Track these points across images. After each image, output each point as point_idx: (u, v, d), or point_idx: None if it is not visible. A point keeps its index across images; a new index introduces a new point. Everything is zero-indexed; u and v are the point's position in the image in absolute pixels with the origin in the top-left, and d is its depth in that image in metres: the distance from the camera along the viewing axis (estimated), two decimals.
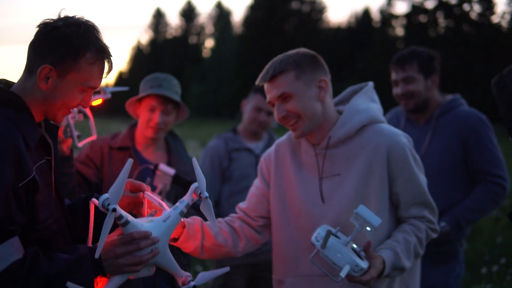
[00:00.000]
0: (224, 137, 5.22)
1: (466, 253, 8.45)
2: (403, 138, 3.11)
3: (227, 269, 2.83)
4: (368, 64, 57.07)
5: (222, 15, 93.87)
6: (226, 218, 3.28)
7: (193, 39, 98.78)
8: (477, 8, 54.38)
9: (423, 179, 3.14)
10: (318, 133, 3.11)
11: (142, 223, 2.44)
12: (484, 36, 51.52)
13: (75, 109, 3.48)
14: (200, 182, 2.57)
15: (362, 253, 2.83)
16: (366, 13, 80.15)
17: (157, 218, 2.51)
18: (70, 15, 2.55)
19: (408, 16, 56.09)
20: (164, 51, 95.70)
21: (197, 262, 7.92)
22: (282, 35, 68.93)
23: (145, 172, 4.18)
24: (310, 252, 2.91)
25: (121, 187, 2.30)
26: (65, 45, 2.44)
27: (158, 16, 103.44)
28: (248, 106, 5.26)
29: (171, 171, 3.96)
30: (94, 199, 2.46)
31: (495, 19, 55.30)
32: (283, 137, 3.35)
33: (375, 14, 77.35)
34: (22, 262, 2.28)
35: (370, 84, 3.34)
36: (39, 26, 2.50)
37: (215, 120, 59.64)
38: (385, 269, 2.85)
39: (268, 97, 3.10)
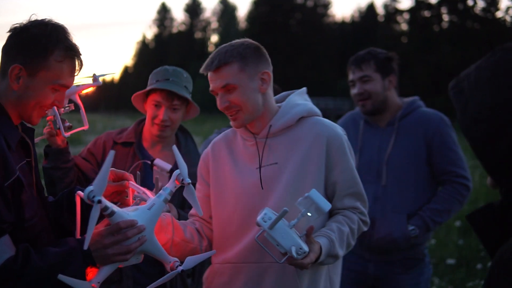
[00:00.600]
0: (224, 131, 5.25)
1: (462, 249, 8.68)
2: (340, 129, 3.19)
3: (213, 252, 2.93)
4: None
5: (226, 10, 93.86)
6: (189, 220, 3.35)
7: (198, 34, 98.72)
8: (481, 3, 54.30)
9: (356, 171, 3.22)
10: (259, 122, 3.17)
11: (128, 212, 2.47)
12: (488, 31, 51.40)
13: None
14: (182, 169, 2.61)
15: (303, 238, 2.86)
16: (370, 8, 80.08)
17: (142, 206, 2.55)
18: (40, 18, 2.59)
19: (412, 11, 55.98)
20: (169, 46, 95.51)
21: None
22: (286, 30, 68.83)
23: (146, 168, 3.95)
24: (242, 237, 3.09)
25: (105, 178, 2.32)
26: (33, 44, 2.50)
27: (163, 11, 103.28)
28: None
29: (167, 166, 3.71)
30: (79, 192, 2.52)
31: (499, 14, 55.22)
32: (219, 136, 3.42)
33: (380, 9, 77.31)
34: (15, 258, 2.31)
35: (304, 89, 3.43)
36: (9, 30, 2.55)
37: (219, 116, 59.74)
38: (321, 255, 2.90)
39: (212, 86, 3.12)
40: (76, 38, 2.62)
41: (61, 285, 2.32)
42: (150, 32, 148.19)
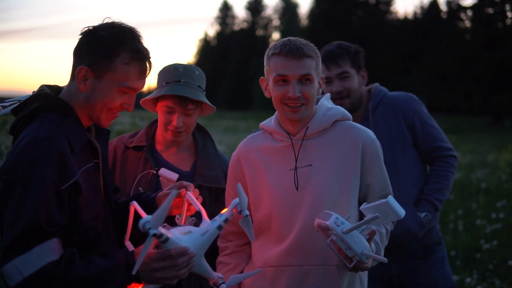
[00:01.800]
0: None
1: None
2: (373, 134, 3.27)
3: (258, 270, 2.98)
4: (435, 57, 56.31)
5: (288, 8, 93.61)
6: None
7: (259, 32, 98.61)
8: None
9: (387, 174, 3.30)
10: (297, 123, 3.21)
11: (181, 237, 2.47)
12: None
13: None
14: (242, 201, 2.60)
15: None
16: (433, 4, 78.96)
17: (196, 231, 2.53)
18: (111, 21, 2.64)
19: (475, 8, 55.07)
20: (231, 44, 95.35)
21: None
22: (348, 27, 68.31)
23: (155, 179, 3.72)
24: (281, 240, 3.14)
25: (163, 214, 2.28)
26: (99, 46, 2.52)
27: (225, 9, 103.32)
28: None
29: (174, 176, 3.51)
30: (134, 202, 2.55)
31: None
32: (245, 141, 3.40)
33: (443, 6, 76.22)
34: (57, 263, 2.34)
35: (328, 94, 3.49)
36: (81, 33, 2.60)
37: None
38: None
39: (287, 71, 3.07)
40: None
41: None
42: (212, 29, 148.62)
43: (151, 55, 2.66)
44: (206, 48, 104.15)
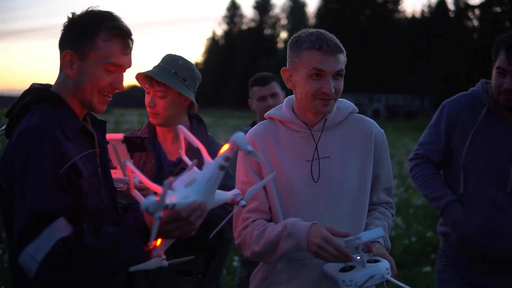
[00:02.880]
0: (244, 130, 5.04)
1: None
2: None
3: (274, 173, 2.87)
4: (443, 55, 56.26)
5: (296, 7, 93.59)
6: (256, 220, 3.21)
7: (267, 31, 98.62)
8: None
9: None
10: (315, 115, 3.18)
11: (187, 192, 2.42)
12: None
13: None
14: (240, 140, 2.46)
15: (371, 255, 2.89)
16: (441, 3, 78.88)
17: (200, 178, 2.45)
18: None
19: (483, 6, 54.99)
20: (239, 43, 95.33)
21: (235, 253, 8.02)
22: (356, 26, 68.34)
23: (158, 165, 3.79)
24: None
25: (163, 201, 2.23)
26: (80, 29, 2.54)
27: (233, 8, 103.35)
28: (253, 102, 5.25)
29: (119, 135, 3.41)
30: (128, 163, 2.45)
31: None
32: (257, 127, 3.30)
33: (450, 5, 76.15)
34: (66, 239, 2.32)
35: None
36: (63, 25, 2.61)
37: None
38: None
39: (325, 66, 3.01)
40: (148, 35, 2.69)
41: (111, 266, 2.37)
42: (220, 29, 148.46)
43: (131, 32, 2.67)
44: (214, 47, 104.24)
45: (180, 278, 3.73)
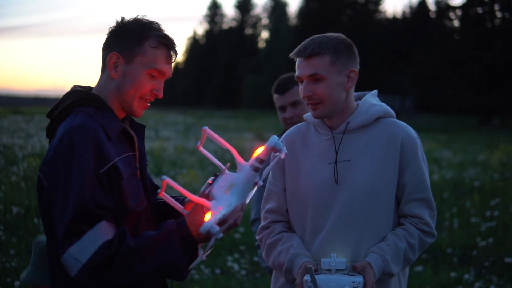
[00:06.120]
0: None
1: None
2: (413, 132, 3.22)
3: (284, 151, 2.79)
4: (424, 56, 56.57)
5: (277, 6, 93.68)
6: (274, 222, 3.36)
7: (248, 31, 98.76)
8: None
9: (427, 177, 3.23)
10: (338, 118, 3.18)
11: (228, 198, 2.53)
12: None
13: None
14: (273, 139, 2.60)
15: (349, 269, 2.95)
16: (422, 4, 79.36)
17: (237, 182, 2.56)
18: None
19: (464, 7, 55.34)
20: (220, 42, 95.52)
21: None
22: (337, 26, 68.53)
23: None
24: (316, 235, 3.13)
25: (222, 217, 2.46)
26: (129, 33, 2.64)
27: (214, 7, 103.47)
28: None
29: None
30: (166, 178, 2.47)
31: None
32: (292, 129, 3.42)
33: (431, 6, 76.59)
34: (110, 242, 2.39)
35: (375, 91, 3.47)
36: (108, 32, 2.72)
37: (270, 111, 59.90)
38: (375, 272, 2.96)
39: (299, 72, 3.12)
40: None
41: (149, 268, 2.44)
42: (201, 28, 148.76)
43: (176, 44, 2.76)
44: (195, 47, 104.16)
45: None
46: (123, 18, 2.72)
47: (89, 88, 2.78)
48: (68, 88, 2.77)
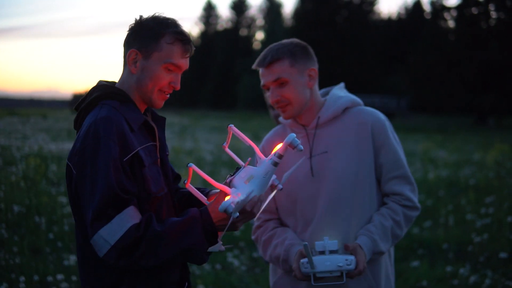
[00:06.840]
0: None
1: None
2: (382, 115, 3.41)
3: (303, 159, 3.14)
4: (419, 57, 56.62)
5: (272, 7, 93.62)
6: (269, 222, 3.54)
7: (243, 32, 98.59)
8: None
9: (402, 154, 3.41)
10: (308, 115, 3.41)
11: (248, 188, 2.61)
12: None
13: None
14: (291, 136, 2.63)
15: (341, 250, 3.15)
16: (417, 4, 79.40)
17: (257, 174, 2.64)
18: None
19: (459, 8, 55.35)
20: (215, 43, 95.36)
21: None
22: (332, 27, 68.51)
23: None
24: (303, 229, 3.34)
25: (243, 204, 2.52)
26: (147, 31, 2.81)
27: (209, 8, 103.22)
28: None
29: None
30: (192, 165, 2.59)
31: None
32: (269, 133, 3.64)
33: (426, 6, 76.65)
34: (138, 226, 2.54)
35: (342, 84, 3.65)
36: (129, 26, 2.89)
37: (265, 112, 60.01)
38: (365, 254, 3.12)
39: (264, 81, 3.34)
40: (123, 35, 2.93)
41: (173, 251, 2.57)
42: (196, 29, 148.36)
43: (191, 39, 2.91)
44: None
45: None
46: (141, 16, 2.87)
47: (113, 82, 2.95)
48: (62, 90, 3.01)
